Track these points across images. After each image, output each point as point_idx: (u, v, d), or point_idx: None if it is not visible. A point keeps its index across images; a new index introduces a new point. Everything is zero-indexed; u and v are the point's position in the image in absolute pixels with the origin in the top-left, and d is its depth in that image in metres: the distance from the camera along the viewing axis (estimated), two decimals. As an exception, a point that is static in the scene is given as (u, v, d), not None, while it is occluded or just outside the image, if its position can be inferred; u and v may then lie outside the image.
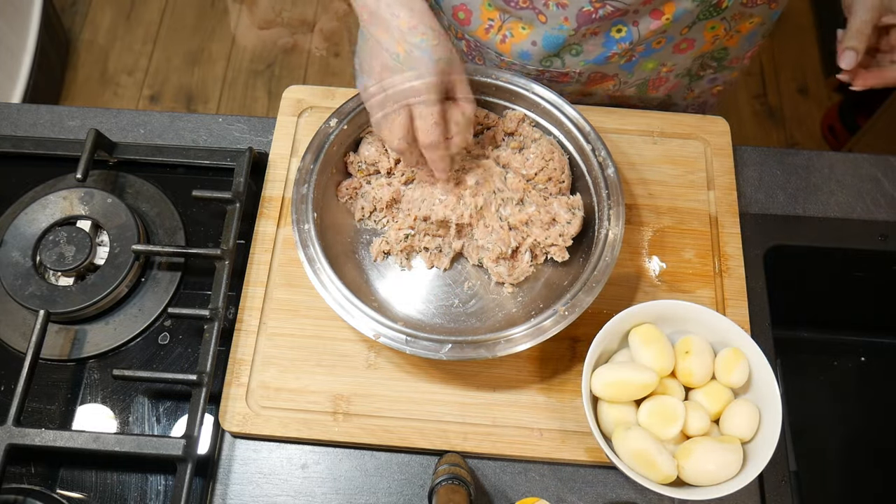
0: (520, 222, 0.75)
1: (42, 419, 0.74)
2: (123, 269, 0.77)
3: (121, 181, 0.85)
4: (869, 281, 0.88)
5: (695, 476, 0.64)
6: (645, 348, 0.68)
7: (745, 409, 0.67)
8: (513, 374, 0.74)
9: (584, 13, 0.76)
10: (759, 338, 0.77)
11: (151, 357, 0.77)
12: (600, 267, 0.70)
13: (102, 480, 0.72)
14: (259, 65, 2.07)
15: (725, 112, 0.92)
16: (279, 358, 0.74)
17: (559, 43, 0.80)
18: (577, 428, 0.72)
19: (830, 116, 1.95)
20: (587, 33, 0.79)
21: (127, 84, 2.03)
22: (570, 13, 0.76)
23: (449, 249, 0.77)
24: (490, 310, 0.75)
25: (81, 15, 2.12)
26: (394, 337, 0.68)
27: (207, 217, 0.84)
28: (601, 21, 0.77)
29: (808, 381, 0.98)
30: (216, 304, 0.75)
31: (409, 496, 0.71)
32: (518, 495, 0.71)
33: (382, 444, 0.71)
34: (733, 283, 0.78)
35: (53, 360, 0.76)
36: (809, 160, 0.88)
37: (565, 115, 0.78)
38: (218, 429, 0.73)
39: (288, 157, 0.84)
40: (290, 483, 0.71)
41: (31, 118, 0.89)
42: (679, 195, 0.83)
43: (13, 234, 0.78)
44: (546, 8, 0.77)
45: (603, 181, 0.75)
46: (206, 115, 0.89)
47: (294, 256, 0.77)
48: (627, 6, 0.74)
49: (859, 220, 0.84)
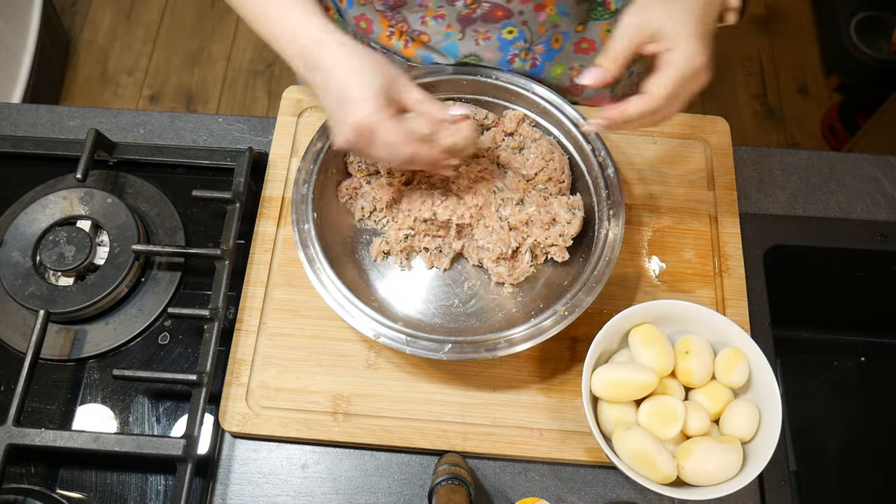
0: (520, 222, 0.75)
1: (42, 419, 0.74)
2: (123, 269, 0.77)
3: (121, 181, 0.85)
4: (869, 281, 0.88)
5: (695, 476, 0.64)
6: (645, 348, 0.68)
7: (745, 409, 0.67)
8: (513, 374, 0.74)
9: (463, 16, 0.76)
10: (759, 338, 0.77)
11: (151, 357, 0.77)
12: (600, 267, 0.70)
13: (102, 480, 0.72)
14: (259, 65, 2.07)
15: (725, 112, 0.91)
16: (279, 358, 0.74)
17: (455, 51, 0.80)
18: (577, 428, 0.72)
19: (830, 116, 1.95)
20: (478, 38, 0.78)
21: (127, 84, 2.03)
22: (451, 19, 0.76)
23: (449, 250, 0.77)
24: (490, 310, 0.75)
25: (81, 15, 2.12)
26: (394, 337, 0.68)
27: (207, 217, 0.84)
28: (485, 22, 0.76)
29: (808, 381, 0.98)
30: (216, 304, 0.75)
31: (409, 496, 0.71)
32: (518, 495, 0.71)
33: (382, 444, 0.71)
34: (733, 283, 0.78)
35: (53, 360, 0.76)
36: (809, 160, 0.88)
37: (565, 114, 0.78)
38: (218, 429, 0.73)
39: (288, 157, 0.84)
40: (290, 483, 0.71)
41: (31, 118, 0.89)
42: (679, 195, 0.83)
43: (13, 234, 0.78)
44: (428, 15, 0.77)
45: (603, 181, 0.75)
46: (206, 115, 0.89)
47: (294, 256, 0.77)
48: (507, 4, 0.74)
49: (859, 220, 0.84)
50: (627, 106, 0.63)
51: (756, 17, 2.13)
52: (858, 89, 1.96)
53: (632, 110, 0.63)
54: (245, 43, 2.10)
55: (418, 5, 0.76)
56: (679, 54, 0.62)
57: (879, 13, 1.95)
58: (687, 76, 0.63)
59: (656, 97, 0.63)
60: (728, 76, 2.05)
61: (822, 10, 2.07)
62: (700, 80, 0.64)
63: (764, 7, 2.14)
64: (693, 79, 0.64)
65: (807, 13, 2.14)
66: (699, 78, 0.64)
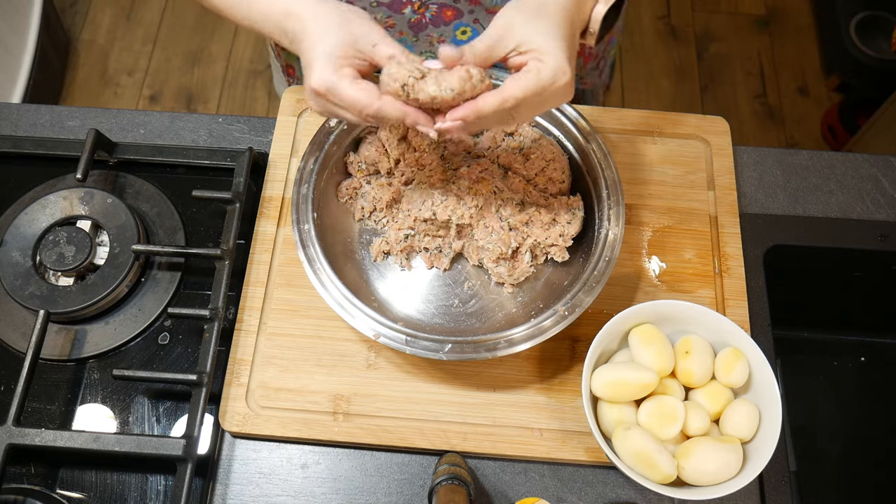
0: (520, 223, 0.75)
1: (42, 419, 0.74)
2: (123, 269, 0.77)
3: (121, 181, 0.85)
4: (869, 281, 0.88)
5: (695, 476, 0.64)
6: (645, 348, 0.68)
7: (745, 409, 0.67)
8: (513, 374, 0.74)
9: (414, 23, 0.75)
10: (759, 338, 0.77)
11: (151, 357, 0.77)
12: (600, 267, 0.70)
13: (102, 480, 0.72)
14: (259, 65, 2.07)
15: (725, 112, 0.92)
16: (279, 358, 0.74)
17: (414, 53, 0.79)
18: (577, 428, 0.72)
19: (830, 116, 1.95)
20: (432, 41, 0.78)
21: (127, 84, 2.03)
22: (402, 26, 0.76)
23: (449, 250, 0.77)
24: (490, 310, 0.75)
25: (81, 15, 2.12)
26: (394, 337, 0.68)
27: (207, 217, 0.84)
28: (436, 27, 0.75)
29: (808, 381, 0.98)
30: (216, 304, 0.75)
31: (409, 496, 0.71)
32: (518, 495, 0.71)
33: (382, 444, 0.71)
34: (733, 283, 0.78)
35: (53, 360, 0.76)
36: (809, 160, 0.88)
37: (565, 114, 0.78)
38: (218, 429, 0.73)
39: (288, 157, 0.84)
40: (290, 483, 0.71)
41: (31, 118, 0.89)
42: (679, 195, 0.83)
43: (13, 234, 0.78)
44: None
45: (603, 181, 0.75)
46: (206, 115, 0.89)
47: (294, 256, 0.77)
48: (455, 3, 0.72)
49: (859, 220, 0.84)
50: (481, 103, 0.60)
51: (756, 17, 2.13)
52: (858, 89, 1.96)
53: (484, 107, 0.59)
54: (245, 43, 2.10)
55: None
56: (547, 67, 0.59)
57: (879, 13, 1.95)
58: (549, 90, 0.60)
59: (508, 97, 0.59)
60: (728, 76, 2.05)
61: (822, 10, 2.07)
62: (562, 96, 0.62)
63: (764, 7, 2.14)
64: (555, 94, 0.61)
65: (807, 13, 2.14)
66: (562, 94, 0.61)
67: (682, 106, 1.99)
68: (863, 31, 1.94)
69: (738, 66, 2.06)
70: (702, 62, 2.07)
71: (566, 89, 0.61)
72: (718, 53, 2.08)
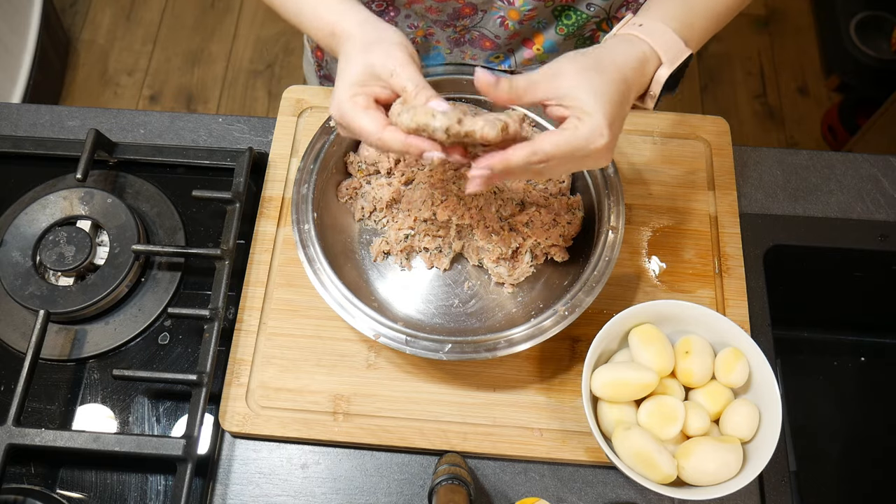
0: (520, 223, 0.75)
1: (42, 419, 0.74)
2: (123, 269, 0.77)
3: (121, 181, 0.85)
4: (869, 281, 0.88)
5: (695, 476, 0.64)
6: (645, 348, 0.68)
7: (745, 409, 0.67)
8: (513, 374, 0.74)
9: (453, 39, 0.77)
10: (759, 338, 0.77)
11: (151, 357, 0.77)
12: (600, 267, 0.70)
13: (102, 480, 0.72)
14: (259, 65, 2.07)
15: (725, 112, 0.92)
16: (279, 358, 0.74)
17: (441, 60, 0.82)
18: (577, 428, 0.72)
19: (830, 116, 1.95)
20: (465, 57, 0.80)
21: (127, 84, 2.03)
22: (441, 37, 0.78)
23: (449, 250, 0.77)
24: (490, 310, 0.75)
25: (81, 15, 2.12)
26: (394, 337, 0.68)
27: (207, 217, 0.84)
28: (472, 47, 0.78)
29: (808, 381, 0.98)
30: (216, 304, 0.75)
31: (409, 496, 0.71)
32: (518, 495, 0.71)
33: (382, 444, 0.71)
34: (733, 283, 0.78)
35: (53, 360, 0.76)
36: (809, 160, 0.88)
37: (565, 115, 0.78)
38: (218, 429, 0.73)
39: (288, 157, 0.84)
40: (290, 483, 0.71)
41: (31, 118, 0.89)
42: (679, 195, 0.83)
43: (13, 234, 0.78)
44: (418, 35, 0.79)
45: (603, 181, 0.75)
46: (206, 115, 0.89)
47: (294, 256, 0.77)
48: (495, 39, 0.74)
49: (859, 219, 0.84)
50: (510, 153, 0.57)
51: (756, 17, 2.13)
52: (858, 89, 1.96)
53: (514, 158, 0.57)
54: (245, 43, 2.10)
55: (408, 27, 0.77)
56: (585, 126, 0.57)
57: (879, 13, 1.95)
58: (582, 150, 0.57)
59: (539, 150, 0.57)
60: (728, 76, 2.05)
61: (822, 10, 2.07)
62: (598, 160, 0.59)
63: (764, 7, 2.14)
64: (589, 156, 0.58)
65: (807, 13, 2.14)
66: (597, 157, 0.59)
67: (682, 106, 1.99)
68: (863, 31, 1.94)
69: (738, 66, 2.06)
70: (702, 62, 2.06)
71: (602, 153, 0.58)
72: (718, 53, 2.08)
